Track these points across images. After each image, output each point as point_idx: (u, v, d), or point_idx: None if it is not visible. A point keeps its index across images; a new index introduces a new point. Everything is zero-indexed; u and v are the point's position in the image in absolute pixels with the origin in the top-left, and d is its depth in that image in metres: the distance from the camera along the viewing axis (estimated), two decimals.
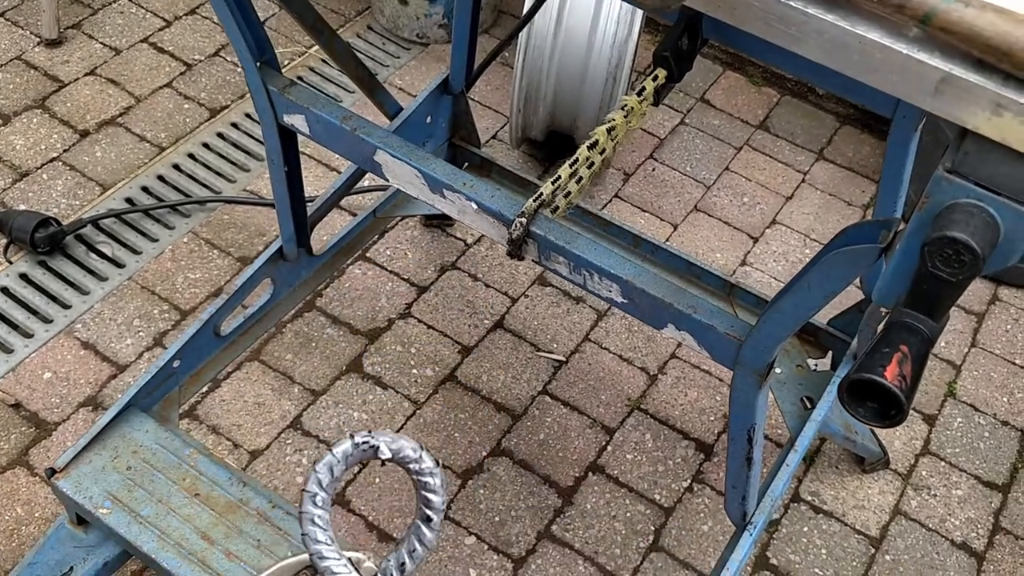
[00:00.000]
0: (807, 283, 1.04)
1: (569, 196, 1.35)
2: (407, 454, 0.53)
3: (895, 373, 0.82)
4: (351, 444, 0.53)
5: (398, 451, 0.53)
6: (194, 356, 1.69)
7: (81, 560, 1.59)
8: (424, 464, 0.53)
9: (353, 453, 0.53)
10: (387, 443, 0.52)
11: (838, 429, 1.99)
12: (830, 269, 1.01)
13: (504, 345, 2.26)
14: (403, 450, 0.53)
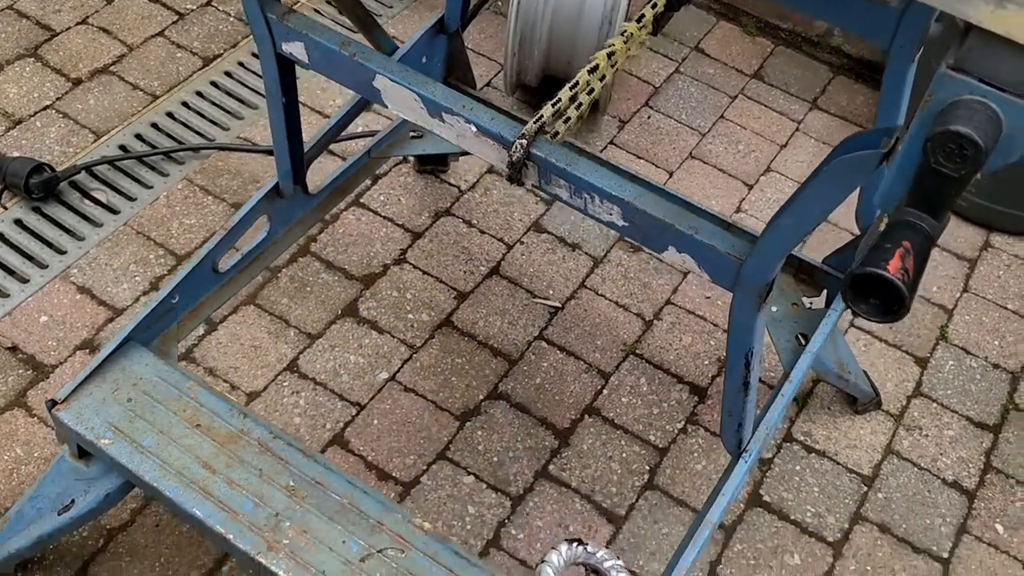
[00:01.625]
0: (808, 194, 1.05)
1: (569, 122, 1.36)
2: (607, 555, 0.61)
3: (898, 267, 0.83)
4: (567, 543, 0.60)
5: (598, 551, 0.61)
6: (192, 292, 1.69)
7: (82, 493, 1.60)
8: (621, 564, 0.62)
9: (571, 548, 0.60)
10: (592, 544, 0.60)
11: (831, 367, 2.01)
12: (831, 178, 1.01)
13: (500, 291, 2.27)
14: (600, 551, 0.61)
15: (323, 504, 1.50)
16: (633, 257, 2.37)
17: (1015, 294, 2.44)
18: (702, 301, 2.31)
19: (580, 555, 0.57)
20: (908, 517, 2.03)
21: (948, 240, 2.53)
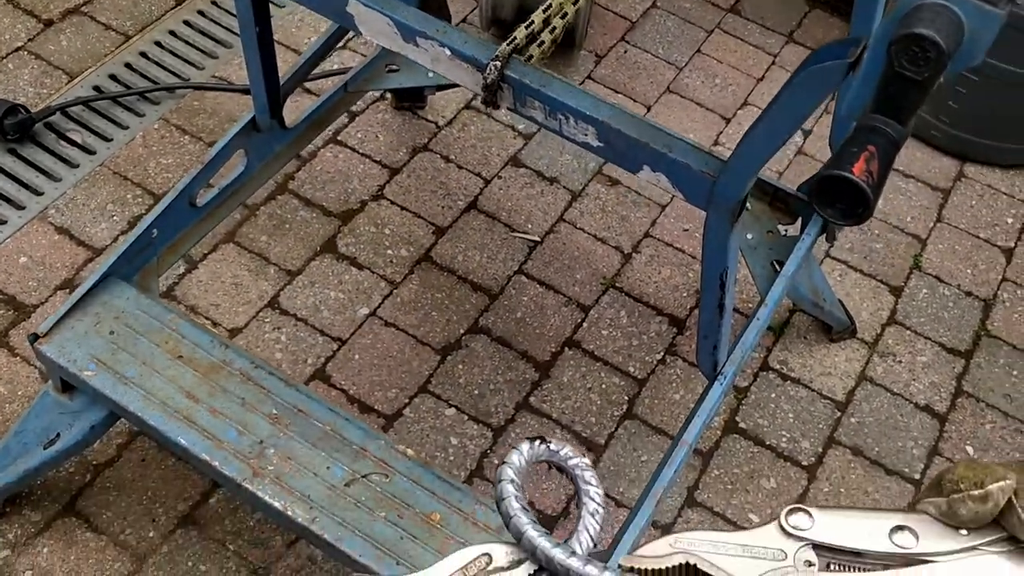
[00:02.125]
0: (778, 107, 1.07)
1: (543, 45, 1.36)
2: (571, 452, 0.60)
3: (863, 170, 0.85)
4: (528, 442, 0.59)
5: (562, 448, 0.60)
6: (170, 226, 1.70)
7: (67, 426, 1.62)
8: (586, 462, 0.60)
9: (532, 448, 0.59)
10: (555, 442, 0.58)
11: (807, 295, 2.04)
12: (801, 89, 1.03)
13: (478, 226, 2.28)
14: (565, 448, 0.59)
15: (306, 431, 1.52)
16: (611, 191, 2.39)
17: (987, 223, 2.47)
18: (680, 234, 2.33)
19: (543, 453, 0.58)
20: (881, 441, 2.07)
21: (922, 171, 2.55)
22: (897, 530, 0.56)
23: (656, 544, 0.57)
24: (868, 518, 0.57)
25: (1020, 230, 2.47)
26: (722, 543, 0.56)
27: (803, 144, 2.55)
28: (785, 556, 0.56)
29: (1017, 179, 2.57)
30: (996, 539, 0.55)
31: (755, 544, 0.57)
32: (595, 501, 0.58)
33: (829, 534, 0.57)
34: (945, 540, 0.56)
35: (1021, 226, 2.48)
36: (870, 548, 0.56)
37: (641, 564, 0.56)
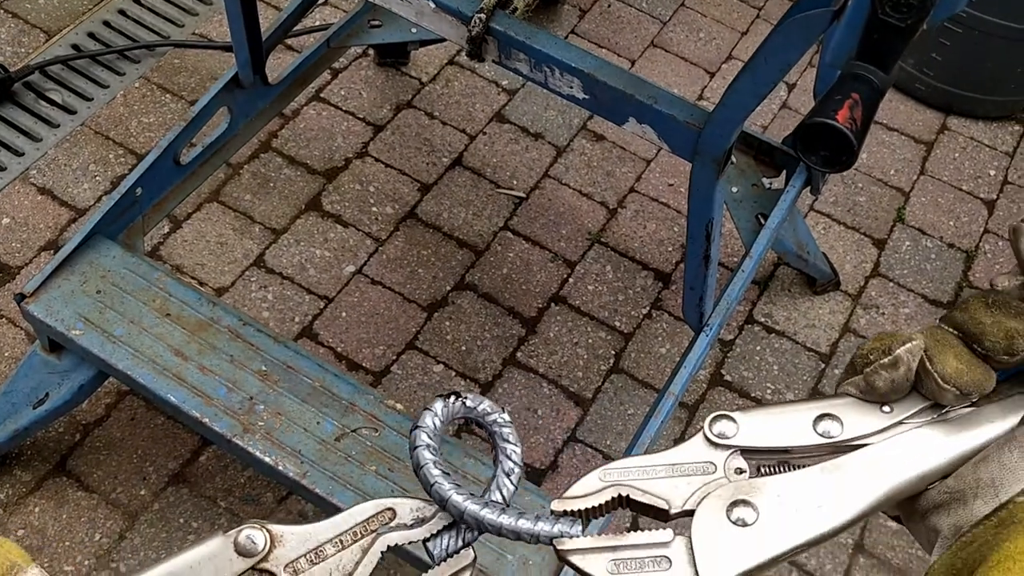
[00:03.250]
0: (763, 56, 1.07)
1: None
2: (489, 407, 0.55)
3: (846, 116, 0.85)
4: (442, 400, 0.55)
5: (479, 403, 0.55)
6: (155, 185, 1.69)
7: (56, 385, 1.62)
8: (504, 418, 0.55)
9: (447, 406, 0.55)
10: (472, 397, 0.55)
11: (791, 248, 2.05)
12: (785, 38, 1.03)
13: (464, 182, 2.28)
14: (483, 403, 0.55)
15: (296, 387, 1.53)
16: (596, 146, 2.39)
17: (970, 176, 2.49)
18: (665, 188, 2.34)
19: (459, 410, 0.54)
20: None
21: (906, 124, 2.56)
22: (821, 419, 0.55)
23: (586, 481, 0.55)
24: (791, 412, 0.56)
25: (1002, 182, 2.49)
26: (651, 467, 0.55)
27: (787, 98, 2.55)
28: (715, 468, 0.54)
29: (1000, 131, 2.59)
30: (920, 410, 0.54)
31: (683, 461, 0.55)
32: (511, 460, 0.55)
33: (755, 437, 0.55)
34: (869, 420, 0.55)
35: (1003, 178, 2.50)
36: (796, 444, 0.55)
37: (573, 505, 0.54)
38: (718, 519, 0.52)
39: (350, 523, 0.53)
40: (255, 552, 0.52)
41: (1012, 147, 2.56)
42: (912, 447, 0.54)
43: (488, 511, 0.53)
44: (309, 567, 0.52)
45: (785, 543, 0.52)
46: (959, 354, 0.52)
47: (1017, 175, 2.50)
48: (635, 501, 0.54)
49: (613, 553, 0.52)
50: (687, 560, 0.51)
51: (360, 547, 0.53)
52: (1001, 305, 0.52)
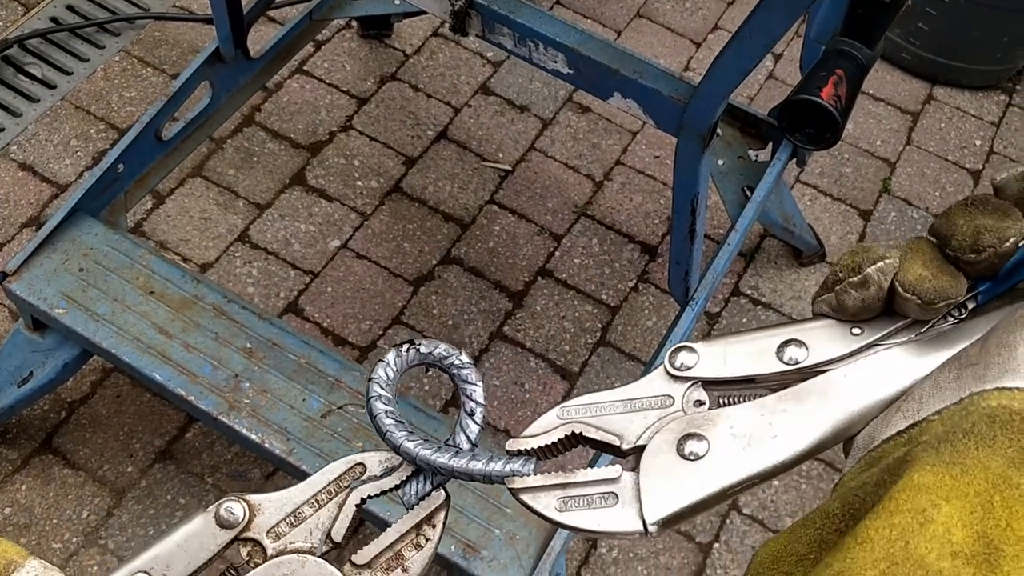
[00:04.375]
0: (748, 31, 1.06)
1: None
2: (445, 350, 0.54)
3: (831, 93, 0.85)
4: (395, 350, 0.55)
5: (435, 348, 0.54)
6: (137, 161, 1.67)
7: (40, 364, 1.61)
8: (462, 359, 0.55)
9: (400, 356, 0.54)
10: (425, 343, 0.55)
11: (777, 220, 2.05)
12: (770, 12, 1.02)
13: (449, 156, 2.26)
14: (439, 347, 0.54)
15: (281, 364, 1.52)
16: (582, 118, 2.37)
17: (956, 146, 2.49)
18: (651, 160, 2.33)
19: (414, 358, 0.55)
20: None
21: (891, 94, 2.55)
22: (786, 345, 0.51)
23: (543, 419, 0.53)
24: (756, 339, 0.52)
25: (988, 152, 2.49)
26: (608, 403, 0.52)
27: (773, 68, 2.54)
28: (673, 401, 0.52)
29: (985, 101, 2.58)
30: (895, 330, 0.50)
31: (641, 396, 0.52)
32: (473, 400, 0.54)
33: (715, 368, 0.52)
34: (837, 344, 0.51)
35: (989, 148, 2.50)
36: (759, 372, 0.51)
37: (528, 444, 0.53)
38: (668, 453, 0.50)
39: (323, 483, 0.54)
40: (236, 523, 0.53)
41: (998, 117, 2.56)
42: (875, 371, 0.50)
43: (440, 454, 0.53)
44: (290, 530, 0.53)
45: (733, 476, 0.49)
46: (927, 261, 0.49)
47: (1002, 145, 2.51)
48: (589, 438, 0.52)
49: (562, 491, 0.51)
50: (633, 496, 0.50)
51: (336, 504, 0.54)
52: (980, 204, 0.49)
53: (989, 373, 0.45)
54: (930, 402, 0.46)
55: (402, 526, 0.54)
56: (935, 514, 0.41)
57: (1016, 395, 0.44)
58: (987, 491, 0.41)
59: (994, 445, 0.43)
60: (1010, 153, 2.49)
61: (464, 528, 1.40)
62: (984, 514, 0.41)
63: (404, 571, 0.53)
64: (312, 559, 0.53)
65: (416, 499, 0.54)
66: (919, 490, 0.42)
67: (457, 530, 1.39)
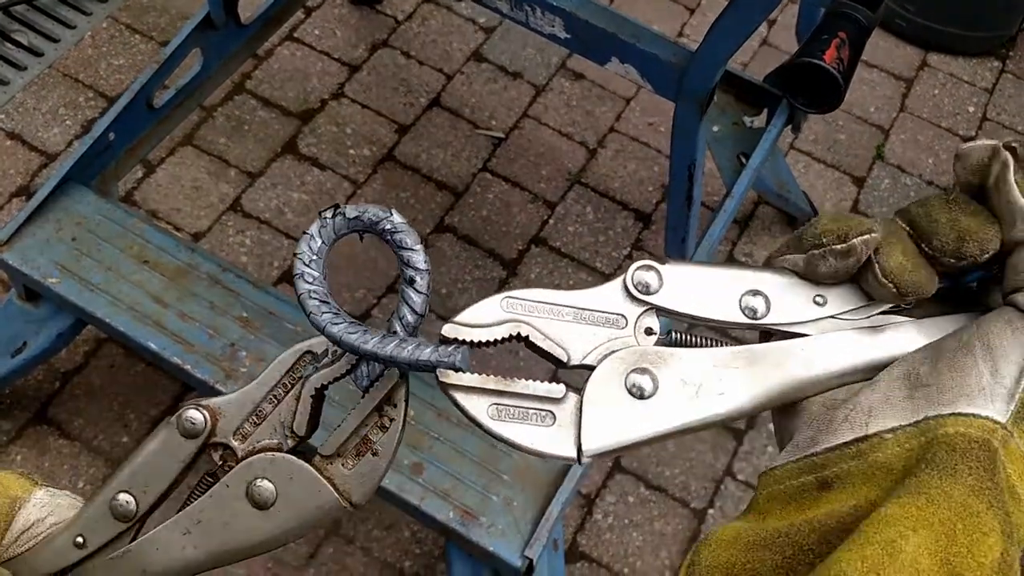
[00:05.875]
0: None
1: None
2: (375, 213, 0.48)
3: (833, 56, 0.84)
4: (319, 219, 0.50)
5: (363, 212, 0.49)
6: (128, 129, 1.65)
7: (34, 334, 1.60)
8: (394, 220, 0.49)
9: (325, 224, 0.49)
10: (352, 207, 0.49)
11: (772, 187, 2.05)
12: None
13: (441, 123, 2.25)
14: (368, 210, 0.49)
15: (277, 333, 1.52)
16: (576, 85, 2.36)
17: (949, 112, 2.48)
18: (645, 128, 2.32)
19: (341, 226, 0.49)
20: None
21: (885, 60, 2.55)
22: (749, 295, 0.50)
23: (485, 305, 0.49)
24: (721, 279, 0.51)
25: (981, 119, 2.49)
26: (558, 306, 0.50)
27: (767, 35, 2.52)
28: (625, 323, 0.50)
29: (979, 68, 2.58)
30: (856, 308, 0.50)
31: (593, 308, 0.50)
32: (412, 267, 0.49)
33: (675, 300, 0.50)
34: (799, 308, 0.50)
35: (982, 115, 2.49)
36: (717, 317, 0.50)
37: (465, 334, 0.49)
38: (614, 384, 0.49)
39: (276, 377, 0.53)
40: (200, 431, 0.53)
41: (991, 83, 2.56)
42: (830, 350, 0.50)
43: (364, 337, 0.49)
44: (254, 429, 0.53)
45: (675, 422, 0.49)
46: (907, 251, 0.49)
47: (996, 112, 2.50)
48: (533, 343, 0.50)
49: (498, 397, 0.49)
50: (572, 421, 0.48)
51: (293, 396, 0.53)
52: (961, 203, 0.48)
53: (943, 397, 0.46)
54: (880, 418, 0.47)
55: (361, 410, 0.52)
56: (904, 544, 0.43)
57: (973, 422, 0.45)
58: (950, 520, 0.43)
59: (955, 475, 0.44)
60: (1003, 120, 2.49)
61: (462, 494, 1.40)
62: (948, 542, 0.43)
63: (375, 454, 0.52)
64: (281, 456, 0.52)
65: (368, 381, 0.51)
66: (887, 522, 0.43)
67: (455, 496, 1.40)
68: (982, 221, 0.48)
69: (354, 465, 0.52)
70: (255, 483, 0.52)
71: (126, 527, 0.54)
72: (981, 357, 0.47)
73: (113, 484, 0.54)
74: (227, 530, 0.52)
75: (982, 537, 0.43)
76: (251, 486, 0.52)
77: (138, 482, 0.53)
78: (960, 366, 0.47)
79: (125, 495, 0.53)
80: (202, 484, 0.54)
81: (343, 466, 0.52)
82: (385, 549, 1.72)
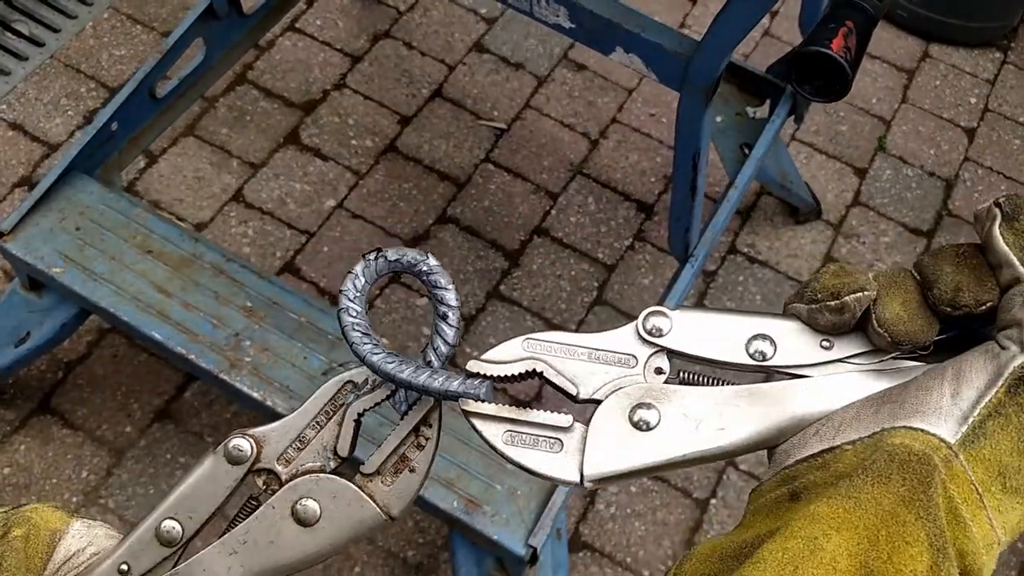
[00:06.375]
0: None
1: None
2: (413, 257, 0.55)
3: (841, 45, 0.84)
4: (363, 259, 0.55)
5: (403, 255, 0.55)
6: (131, 119, 1.65)
7: (38, 324, 1.60)
8: (430, 264, 0.55)
9: (368, 265, 0.54)
10: (393, 251, 0.55)
11: (774, 177, 2.05)
12: None
13: (444, 114, 2.25)
14: (407, 254, 0.55)
15: (281, 323, 1.52)
16: (577, 75, 2.36)
17: (951, 103, 2.48)
18: (647, 119, 2.32)
19: (383, 267, 0.55)
20: None
21: (887, 51, 2.54)
22: (756, 339, 0.53)
23: (508, 346, 0.54)
24: (729, 324, 0.54)
25: (983, 110, 2.49)
26: (574, 347, 0.54)
27: (769, 26, 2.52)
28: (635, 363, 0.54)
29: (980, 59, 2.58)
30: (862, 353, 0.52)
31: (607, 349, 0.54)
32: (445, 304, 0.55)
33: (684, 342, 0.53)
34: (805, 352, 0.52)
35: (984, 106, 2.49)
36: (724, 359, 0.53)
37: (488, 370, 0.54)
38: (619, 416, 0.52)
39: (319, 405, 0.57)
40: (246, 458, 0.56)
41: (993, 75, 2.56)
42: (832, 391, 0.52)
43: (401, 368, 0.54)
44: (298, 454, 0.56)
45: (674, 454, 0.52)
46: (907, 301, 0.51)
47: (997, 103, 2.50)
48: (547, 379, 0.54)
49: (512, 425, 0.53)
50: (578, 448, 0.52)
51: (335, 423, 0.56)
52: (968, 256, 0.51)
53: (902, 412, 0.49)
54: (847, 431, 0.50)
55: (401, 431, 0.56)
56: (825, 543, 0.44)
57: (919, 436, 0.47)
58: (875, 525, 0.45)
59: (888, 483, 0.46)
60: (1005, 111, 2.50)
61: (466, 484, 1.41)
62: (869, 546, 0.44)
63: (412, 471, 0.56)
64: (325, 476, 0.56)
65: (407, 406, 0.56)
66: (814, 519, 0.45)
67: (459, 486, 1.40)
68: (980, 274, 0.50)
69: (393, 482, 0.56)
70: (300, 503, 0.55)
71: (171, 552, 0.56)
72: (948, 380, 0.49)
73: (159, 512, 0.56)
74: (273, 548, 0.56)
75: (904, 546, 0.44)
76: (296, 506, 0.55)
77: (184, 508, 0.56)
78: (926, 386, 0.49)
79: (170, 521, 0.56)
80: (247, 507, 0.57)
81: (382, 483, 0.56)
82: (389, 538, 1.73)
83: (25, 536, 0.54)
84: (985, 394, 0.48)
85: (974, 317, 0.50)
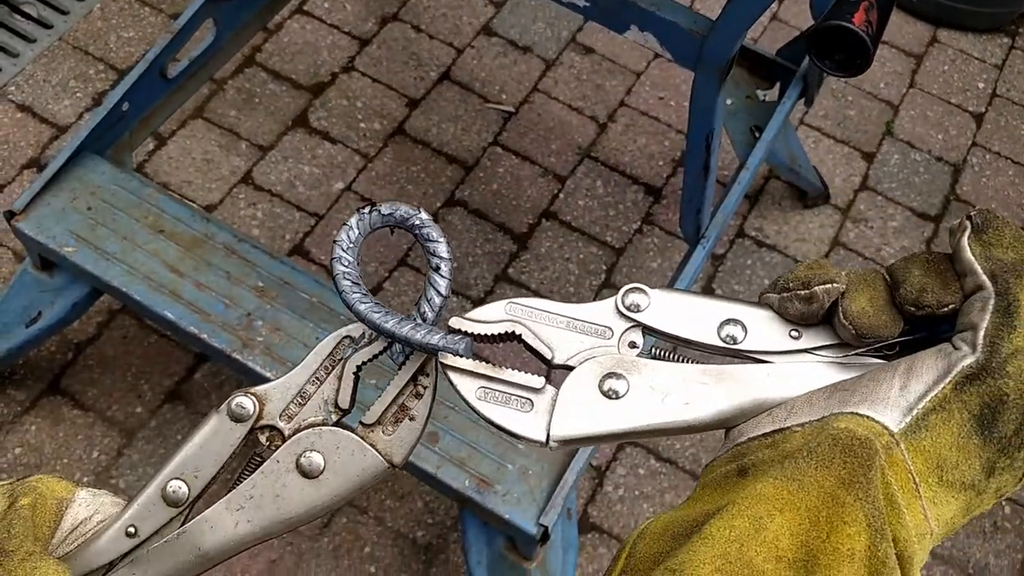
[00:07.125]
0: None
1: None
2: (405, 211, 0.56)
3: (862, 19, 0.84)
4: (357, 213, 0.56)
5: (396, 209, 0.56)
6: (142, 99, 1.65)
7: (49, 304, 1.60)
8: (422, 217, 0.56)
9: (362, 218, 0.56)
10: (386, 205, 0.56)
11: (783, 160, 2.05)
12: None
13: (452, 97, 2.25)
14: (399, 208, 0.56)
15: (293, 303, 1.52)
16: (585, 59, 2.36)
17: (959, 88, 2.48)
18: (656, 102, 2.32)
19: (376, 221, 0.56)
20: None
21: (895, 36, 2.54)
22: (728, 323, 0.55)
23: (491, 307, 0.56)
24: (704, 306, 0.56)
25: (991, 95, 2.48)
26: (554, 314, 0.56)
27: (777, 10, 2.51)
28: (611, 335, 0.55)
29: (989, 44, 2.57)
30: (830, 345, 0.54)
31: (585, 319, 0.56)
32: (437, 256, 0.56)
33: (660, 320, 0.55)
34: (774, 339, 0.54)
35: (992, 91, 2.49)
36: (696, 339, 0.55)
37: (469, 327, 0.56)
38: (589, 383, 0.54)
39: (318, 361, 0.58)
40: (249, 415, 0.57)
41: (1001, 60, 2.55)
42: (794, 378, 0.54)
43: (385, 319, 0.55)
44: (299, 409, 0.57)
45: (638, 423, 0.53)
46: (874, 297, 0.53)
47: (1005, 88, 2.50)
48: (525, 342, 0.56)
49: (486, 382, 0.55)
50: (547, 409, 0.54)
51: (335, 376, 0.57)
52: (938, 262, 0.53)
53: (851, 399, 0.51)
54: (798, 414, 0.52)
55: (399, 381, 0.57)
56: (769, 522, 0.47)
57: (863, 422, 0.49)
58: (816, 507, 0.47)
59: (831, 466, 0.48)
60: (1013, 96, 2.49)
61: (478, 463, 1.41)
62: (810, 526, 0.47)
63: (411, 419, 0.57)
64: (327, 428, 0.57)
65: (403, 356, 0.57)
66: (760, 499, 0.48)
67: (470, 465, 1.41)
68: (946, 279, 0.53)
69: (394, 431, 0.57)
70: (304, 455, 0.56)
71: (177, 512, 0.56)
72: (900, 374, 0.51)
73: (164, 473, 0.57)
74: (279, 502, 0.56)
75: (843, 526, 0.47)
76: (300, 458, 0.56)
77: (189, 468, 0.57)
78: (878, 378, 0.51)
79: (176, 482, 0.56)
80: (251, 464, 0.57)
81: (383, 432, 0.57)
82: (398, 519, 1.73)
83: (32, 505, 0.54)
84: (932, 389, 0.50)
85: (937, 319, 0.52)
